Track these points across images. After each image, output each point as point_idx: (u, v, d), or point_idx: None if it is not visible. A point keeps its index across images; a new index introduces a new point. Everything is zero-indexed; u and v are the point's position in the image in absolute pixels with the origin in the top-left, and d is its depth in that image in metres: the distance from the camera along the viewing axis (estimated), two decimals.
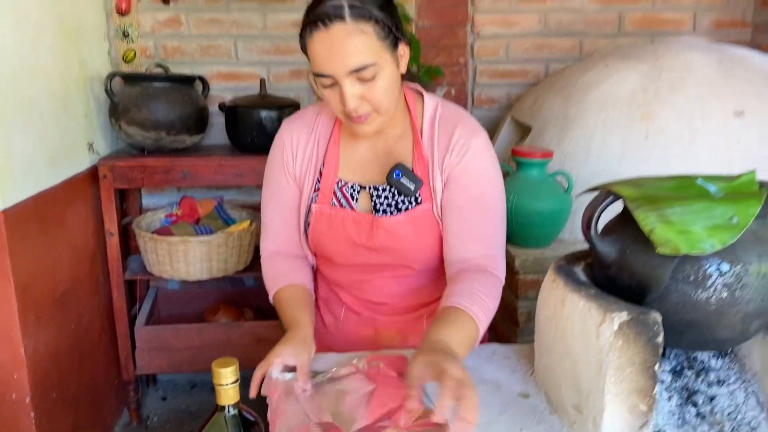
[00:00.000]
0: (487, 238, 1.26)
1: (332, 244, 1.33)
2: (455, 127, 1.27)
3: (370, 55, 1.14)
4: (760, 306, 0.92)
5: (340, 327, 1.45)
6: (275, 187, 1.37)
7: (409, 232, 1.28)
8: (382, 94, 1.17)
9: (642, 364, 0.92)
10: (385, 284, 1.37)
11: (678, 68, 2.06)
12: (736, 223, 0.89)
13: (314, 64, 1.16)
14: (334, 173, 1.32)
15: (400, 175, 1.25)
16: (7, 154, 1.75)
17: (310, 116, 1.36)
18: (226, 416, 0.85)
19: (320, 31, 1.13)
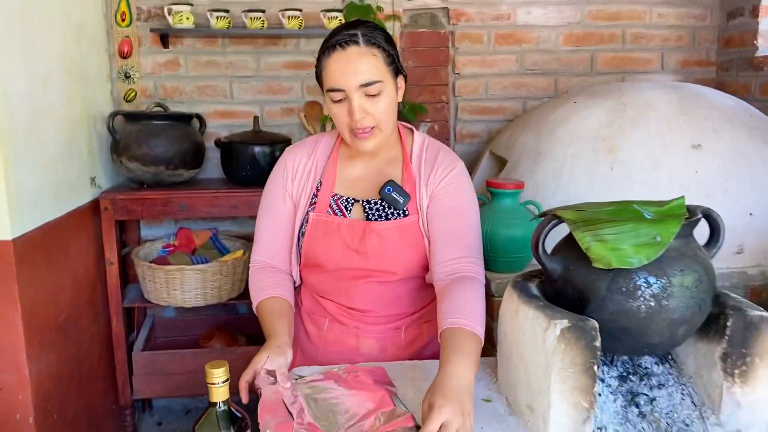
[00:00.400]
0: (465, 242, 1.42)
1: (325, 249, 1.47)
2: (438, 153, 1.51)
3: (377, 74, 1.36)
4: (684, 314, 1.06)
5: (323, 337, 1.56)
6: (272, 203, 1.52)
7: (397, 239, 1.44)
8: (383, 111, 1.38)
9: (583, 365, 1.05)
10: (369, 291, 1.49)
11: (640, 105, 2.22)
12: (659, 241, 1.03)
13: (329, 81, 1.37)
14: (330, 188, 1.49)
15: (391, 190, 1.43)
16: (17, 188, 1.88)
17: (311, 143, 1.56)
18: (218, 411, 0.98)
19: (337, 52, 1.36)
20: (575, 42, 2.95)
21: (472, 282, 1.37)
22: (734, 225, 2.07)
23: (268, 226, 1.53)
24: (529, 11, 2.91)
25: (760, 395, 1.11)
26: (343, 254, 1.47)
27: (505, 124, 2.91)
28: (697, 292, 1.06)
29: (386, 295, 1.51)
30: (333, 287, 1.53)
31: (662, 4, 2.97)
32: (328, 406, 1.18)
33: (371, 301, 1.51)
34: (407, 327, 1.55)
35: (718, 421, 1.13)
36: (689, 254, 1.08)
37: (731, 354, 1.10)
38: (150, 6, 2.75)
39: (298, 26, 2.69)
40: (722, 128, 2.17)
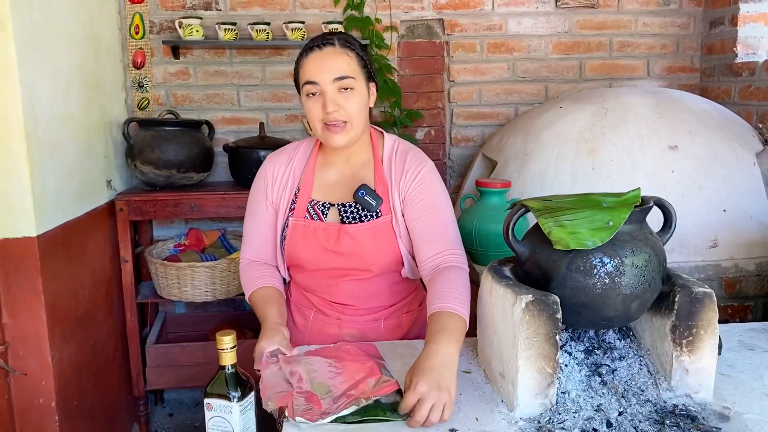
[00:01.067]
0: (444, 236, 1.53)
1: (305, 251, 1.58)
2: (408, 154, 1.61)
3: (350, 70, 1.50)
4: (635, 290, 1.20)
5: (309, 326, 1.69)
6: (256, 208, 1.65)
7: (370, 240, 1.55)
8: (355, 108, 1.50)
9: (546, 334, 1.19)
10: (349, 287, 1.61)
11: (620, 109, 2.37)
12: (612, 226, 1.18)
13: (305, 75, 1.50)
14: (308, 194, 1.60)
15: (364, 194, 1.54)
16: (41, 189, 2.04)
17: (290, 150, 1.67)
18: (226, 374, 1.13)
19: (315, 52, 1.51)
20: (564, 50, 3.10)
21: (454, 270, 1.48)
22: (709, 221, 2.22)
23: (253, 228, 1.66)
24: (519, 21, 3.07)
25: (705, 362, 1.25)
26: (321, 255, 1.58)
27: (497, 129, 3.07)
28: (647, 271, 1.20)
29: (364, 291, 1.63)
30: (315, 284, 1.66)
31: (647, 14, 3.12)
32: (323, 375, 1.33)
33: (351, 297, 1.64)
34: (386, 318, 1.67)
35: (669, 387, 1.27)
36: (640, 237, 1.22)
37: (679, 326, 1.24)
38: (162, 20, 2.93)
39: (300, 37, 2.85)
40: (697, 130, 2.31)
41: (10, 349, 1.99)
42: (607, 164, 2.25)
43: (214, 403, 1.13)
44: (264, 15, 2.95)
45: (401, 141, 1.66)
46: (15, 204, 1.95)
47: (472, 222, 2.17)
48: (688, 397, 1.26)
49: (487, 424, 1.20)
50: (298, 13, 2.97)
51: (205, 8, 2.93)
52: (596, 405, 1.23)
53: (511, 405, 1.23)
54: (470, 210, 2.22)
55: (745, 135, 2.39)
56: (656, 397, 1.26)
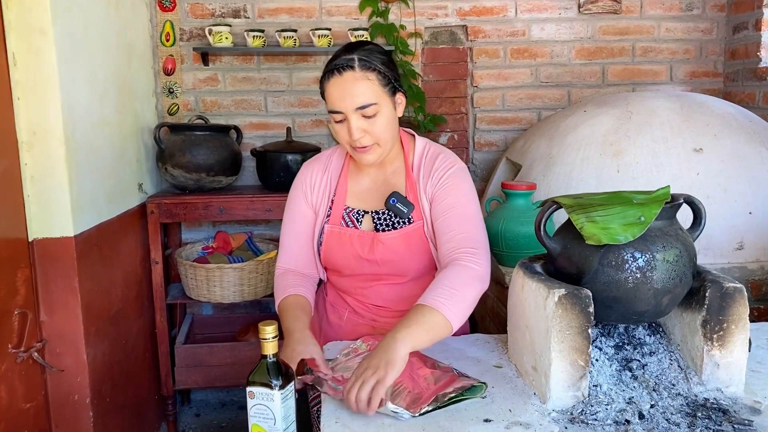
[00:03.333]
0: (461, 235, 1.50)
1: (341, 258, 1.62)
2: (437, 159, 1.61)
3: (372, 96, 1.48)
4: (666, 285, 1.22)
5: (343, 327, 1.72)
6: (295, 214, 1.67)
7: (403, 247, 1.58)
8: (381, 129, 1.50)
9: (578, 327, 1.22)
10: (383, 291, 1.65)
11: (645, 112, 2.39)
12: (643, 221, 1.20)
13: (329, 104, 1.51)
14: (343, 201, 1.64)
15: (396, 202, 1.57)
16: (78, 191, 2.11)
17: (325, 158, 1.70)
18: (268, 362, 1.17)
19: (335, 77, 1.48)
20: (587, 56, 3.13)
21: (459, 268, 1.44)
22: (734, 223, 2.23)
23: (291, 235, 1.67)
24: (542, 27, 3.10)
25: (736, 357, 1.27)
26: (356, 262, 1.61)
27: (520, 133, 3.09)
28: (677, 266, 1.23)
29: (398, 294, 1.65)
30: (350, 287, 1.69)
31: (670, 19, 3.13)
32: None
33: (385, 300, 1.67)
34: None
35: (700, 381, 1.29)
36: (671, 233, 1.25)
37: (710, 321, 1.26)
38: (192, 27, 3.00)
39: (327, 44, 2.91)
40: (722, 133, 2.32)
41: (47, 346, 2.05)
42: (631, 167, 2.27)
43: (257, 391, 1.16)
44: (291, 22, 3.01)
45: (432, 144, 1.67)
46: (54, 205, 2.02)
47: (498, 224, 2.19)
48: (719, 391, 1.28)
49: (521, 415, 1.22)
50: (325, 20, 3.02)
51: (234, 16, 3.00)
52: (628, 398, 1.25)
53: (544, 397, 1.26)
54: (496, 212, 2.24)
55: None
56: (687, 391, 1.27)
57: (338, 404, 1.27)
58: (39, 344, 2.00)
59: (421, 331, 1.31)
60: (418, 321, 1.33)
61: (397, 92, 1.56)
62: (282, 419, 1.16)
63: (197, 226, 3.16)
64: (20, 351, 1.88)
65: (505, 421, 1.21)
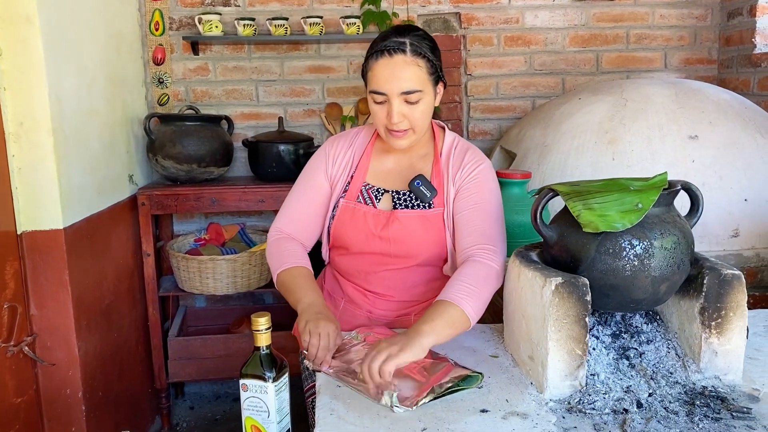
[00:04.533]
0: (482, 231, 1.50)
1: (352, 234, 1.60)
2: (467, 152, 1.62)
3: (419, 83, 1.47)
4: (664, 272, 1.21)
5: (339, 316, 1.68)
6: (310, 183, 1.65)
7: (418, 227, 1.56)
8: (419, 117, 1.50)
9: (575, 316, 1.20)
10: (387, 276, 1.63)
11: (640, 100, 2.37)
12: (641, 208, 1.18)
13: (373, 83, 1.48)
14: (362, 178, 1.63)
15: (420, 184, 1.56)
16: (67, 182, 2.08)
17: (352, 134, 1.69)
18: (261, 354, 1.15)
19: (385, 58, 1.46)
20: (581, 43, 3.11)
21: (476, 264, 1.45)
22: (730, 210, 2.22)
23: (299, 202, 1.65)
24: (536, 14, 3.07)
25: (734, 344, 1.26)
26: (367, 240, 1.59)
27: (515, 122, 3.07)
28: (675, 253, 1.21)
29: (402, 281, 1.64)
30: (354, 269, 1.67)
31: (664, 6, 3.11)
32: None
33: (387, 287, 1.65)
34: (417, 314, 1.67)
35: (698, 369, 1.27)
36: (669, 220, 1.23)
37: (708, 308, 1.25)
38: (181, 16, 2.96)
39: (318, 32, 2.87)
40: (717, 120, 2.31)
41: (38, 340, 2.03)
42: (627, 154, 2.26)
43: (250, 383, 1.14)
44: (282, 10, 2.97)
45: (461, 139, 1.67)
46: (43, 197, 1.99)
47: None
48: (717, 378, 1.27)
49: (518, 405, 1.21)
50: (316, 8, 2.99)
51: (224, 4, 2.96)
52: (625, 387, 1.24)
53: (541, 387, 1.24)
54: None
55: (765, 124, 2.38)
56: (685, 379, 1.26)
57: (333, 396, 1.25)
58: (29, 338, 1.97)
59: (444, 325, 1.34)
60: (441, 315, 1.35)
61: (440, 82, 1.55)
62: (276, 411, 1.14)
63: (189, 218, 3.13)
64: (10, 345, 1.86)
65: (502, 411, 1.19)
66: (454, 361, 1.34)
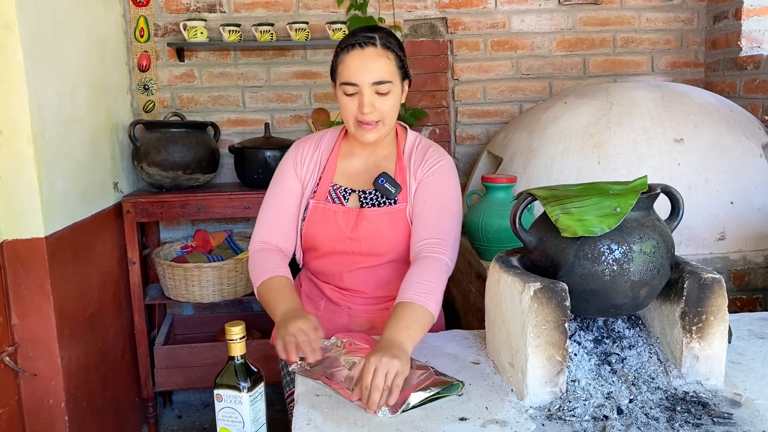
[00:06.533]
0: (437, 227, 1.54)
1: (323, 233, 1.62)
2: (429, 149, 1.66)
3: (389, 74, 1.53)
4: (644, 276, 1.20)
5: (320, 316, 1.64)
6: (282, 188, 1.66)
7: (386, 225, 1.59)
8: (389, 109, 1.54)
9: (555, 322, 1.19)
10: (360, 274, 1.65)
11: (625, 103, 2.37)
12: (619, 212, 1.17)
13: (344, 75, 1.52)
14: (330, 178, 1.65)
15: (384, 181, 1.59)
16: (48, 190, 2.06)
17: (317, 137, 1.72)
18: (236, 364, 1.14)
19: (356, 50, 1.51)
20: (568, 47, 3.11)
21: (428, 260, 1.49)
22: (716, 213, 2.21)
23: (276, 206, 1.66)
24: (523, 19, 3.07)
25: (715, 349, 1.25)
26: (337, 239, 1.61)
27: (502, 126, 3.07)
28: (655, 257, 1.20)
29: (375, 278, 1.66)
30: (328, 271, 1.68)
31: (650, 10, 3.12)
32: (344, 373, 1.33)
33: (361, 284, 1.66)
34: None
35: (679, 374, 1.26)
36: (648, 224, 1.22)
37: (688, 312, 1.24)
38: (166, 22, 2.94)
39: (305, 38, 2.86)
40: (703, 123, 2.31)
41: (20, 350, 2.01)
42: (612, 158, 2.25)
43: (224, 393, 1.13)
44: (268, 16, 2.96)
45: (423, 137, 1.72)
46: (23, 205, 1.97)
47: (479, 217, 2.17)
48: (698, 384, 1.26)
49: (497, 413, 1.19)
50: (302, 14, 2.98)
51: (209, 10, 2.95)
52: (606, 393, 1.23)
53: (521, 394, 1.23)
54: (477, 205, 2.22)
55: (751, 127, 2.39)
56: (667, 384, 1.25)
57: (311, 405, 1.24)
58: (10, 348, 1.95)
59: (419, 330, 1.38)
60: (414, 321, 1.38)
61: (406, 79, 1.60)
62: (251, 422, 1.13)
63: (176, 225, 3.11)
64: None
65: (481, 419, 1.18)
66: (434, 369, 1.33)
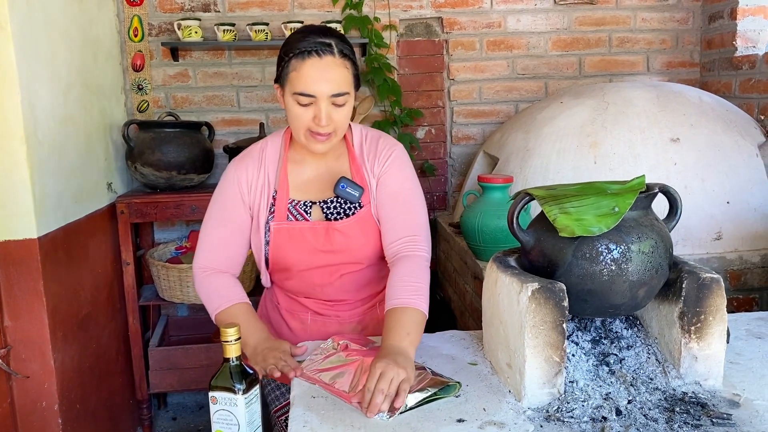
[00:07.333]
0: (407, 222, 1.52)
1: (293, 254, 1.53)
2: (379, 140, 1.59)
3: (347, 85, 1.44)
4: (642, 276, 1.19)
5: (308, 329, 1.64)
6: (226, 213, 1.54)
7: (358, 233, 1.53)
8: (343, 120, 1.46)
9: (552, 322, 1.18)
10: (341, 283, 1.58)
11: (621, 103, 2.37)
12: (617, 212, 1.16)
13: (300, 85, 1.40)
14: (286, 195, 1.53)
15: (345, 186, 1.50)
16: (41, 191, 2.04)
17: (257, 152, 1.57)
18: (231, 366, 1.12)
19: (313, 59, 1.40)
20: (563, 47, 3.10)
21: (411, 259, 1.47)
22: (712, 213, 2.21)
23: (219, 232, 1.54)
24: (518, 19, 3.06)
25: (714, 349, 1.24)
26: (311, 256, 1.53)
27: (498, 126, 3.06)
28: (653, 257, 1.19)
29: (355, 284, 1.60)
30: (306, 287, 1.61)
31: (646, 9, 3.11)
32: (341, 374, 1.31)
33: (345, 292, 1.61)
34: (381, 302, 1.64)
35: (678, 375, 1.25)
36: (646, 224, 1.21)
37: (687, 312, 1.23)
38: (160, 22, 2.92)
39: None
40: (699, 122, 2.30)
41: (12, 352, 1.99)
42: (609, 157, 2.25)
43: (219, 396, 1.12)
44: (262, 15, 2.95)
45: (369, 129, 1.64)
46: (16, 206, 1.95)
47: (475, 218, 2.16)
48: (697, 384, 1.25)
49: (495, 414, 1.18)
50: (297, 13, 2.97)
51: (203, 10, 2.93)
52: (605, 394, 1.22)
53: (519, 395, 1.22)
54: (473, 206, 2.21)
55: (747, 127, 2.39)
56: (665, 385, 1.24)
57: (307, 407, 1.22)
58: (3, 350, 1.93)
59: (417, 334, 1.37)
60: (413, 326, 1.37)
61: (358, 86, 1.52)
62: (246, 425, 1.11)
63: (170, 226, 3.09)
64: None
65: (479, 420, 1.17)
66: (431, 370, 1.32)
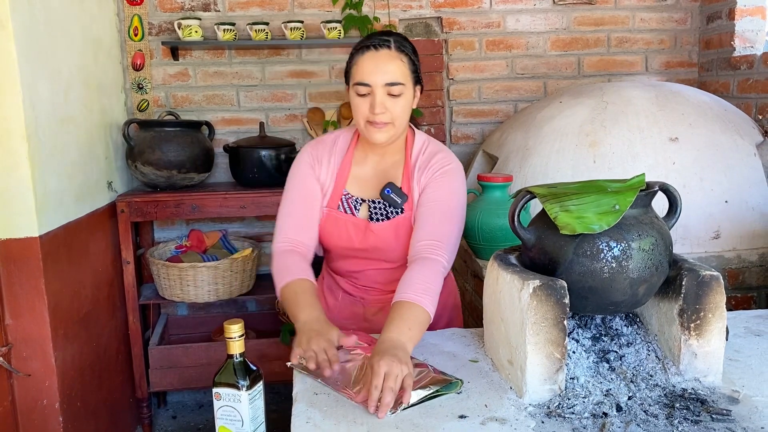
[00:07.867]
0: (437, 229, 1.55)
1: (335, 241, 1.67)
2: (436, 154, 1.66)
3: (402, 76, 1.54)
4: (642, 274, 1.20)
5: (339, 306, 1.80)
6: (303, 189, 1.65)
7: (392, 236, 1.63)
8: (400, 110, 1.55)
9: (554, 319, 1.19)
10: (372, 275, 1.72)
11: (620, 102, 2.38)
12: (618, 209, 1.18)
13: (358, 75, 1.53)
14: (343, 186, 1.67)
15: (390, 192, 1.62)
16: (42, 189, 2.04)
17: (330, 142, 1.71)
18: (234, 362, 1.13)
19: (371, 52, 1.53)
20: (562, 47, 3.11)
21: (427, 262, 1.50)
22: (711, 212, 2.22)
23: (299, 204, 1.64)
24: (518, 18, 3.07)
25: (713, 346, 1.25)
26: (347, 246, 1.67)
27: (497, 126, 3.07)
28: (653, 255, 1.20)
29: (386, 278, 1.72)
30: (342, 269, 1.76)
31: (644, 10, 3.13)
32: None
33: (374, 282, 1.74)
34: None
35: (678, 371, 1.27)
36: (646, 222, 1.22)
37: (687, 310, 1.24)
38: (161, 21, 2.93)
39: (299, 37, 2.86)
40: (697, 122, 2.32)
41: (14, 350, 1.99)
42: (607, 157, 2.26)
43: (223, 392, 1.12)
44: (263, 15, 2.95)
45: (432, 141, 1.70)
46: (17, 204, 1.95)
47: (475, 217, 2.17)
48: (697, 381, 1.26)
49: (497, 410, 1.19)
50: (297, 13, 2.97)
51: (203, 9, 2.93)
52: (605, 390, 1.23)
53: (520, 391, 1.23)
54: (472, 205, 2.21)
55: (745, 126, 2.40)
56: (665, 381, 1.25)
57: (309, 403, 1.23)
58: (4, 348, 1.93)
59: (419, 331, 1.39)
60: (415, 323, 1.39)
61: (418, 84, 1.62)
62: (250, 421, 1.12)
63: (170, 225, 3.09)
64: None
65: (481, 416, 1.18)
66: (433, 367, 1.33)
